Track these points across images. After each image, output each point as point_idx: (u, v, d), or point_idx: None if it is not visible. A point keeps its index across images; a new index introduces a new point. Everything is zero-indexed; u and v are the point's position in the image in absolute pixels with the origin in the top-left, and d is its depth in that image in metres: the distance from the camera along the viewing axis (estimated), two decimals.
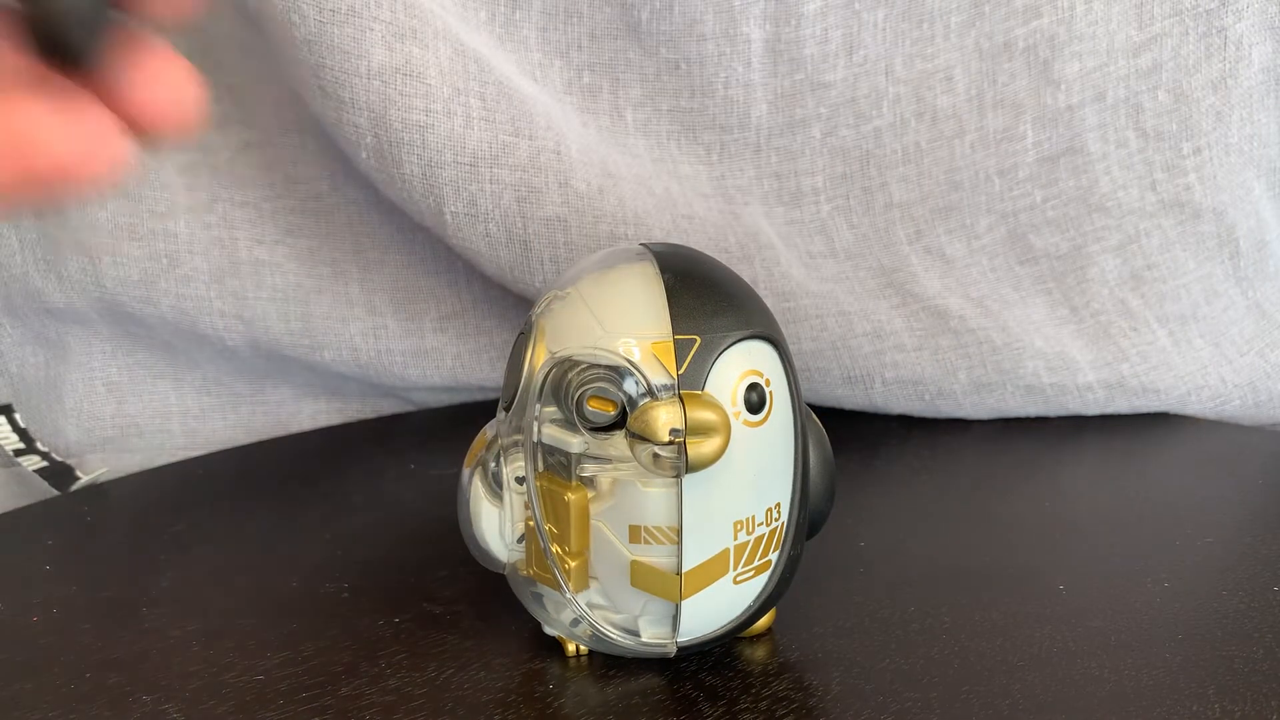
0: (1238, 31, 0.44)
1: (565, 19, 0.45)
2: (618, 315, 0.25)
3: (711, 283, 0.26)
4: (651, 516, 0.25)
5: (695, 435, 0.23)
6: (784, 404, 0.26)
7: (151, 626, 0.30)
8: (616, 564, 0.26)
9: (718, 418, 0.24)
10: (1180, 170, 0.45)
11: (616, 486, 0.25)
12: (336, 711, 0.26)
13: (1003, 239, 0.46)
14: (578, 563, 0.26)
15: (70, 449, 0.46)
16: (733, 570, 0.26)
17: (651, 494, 0.25)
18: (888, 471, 0.41)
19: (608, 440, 0.25)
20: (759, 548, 0.26)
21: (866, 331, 0.44)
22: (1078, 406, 0.45)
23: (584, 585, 0.26)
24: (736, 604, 0.27)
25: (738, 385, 0.25)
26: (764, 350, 0.26)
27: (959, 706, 0.25)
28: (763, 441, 0.26)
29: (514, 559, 0.28)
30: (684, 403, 0.24)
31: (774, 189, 0.47)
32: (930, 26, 0.45)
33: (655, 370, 0.24)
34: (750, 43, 0.45)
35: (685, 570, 0.25)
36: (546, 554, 0.26)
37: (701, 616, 0.26)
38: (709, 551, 0.25)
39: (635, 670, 0.27)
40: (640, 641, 0.27)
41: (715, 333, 0.25)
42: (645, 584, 0.26)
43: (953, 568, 0.32)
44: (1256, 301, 0.47)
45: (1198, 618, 0.29)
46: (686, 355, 0.24)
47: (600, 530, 0.26)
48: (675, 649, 0.27)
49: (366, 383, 0.48)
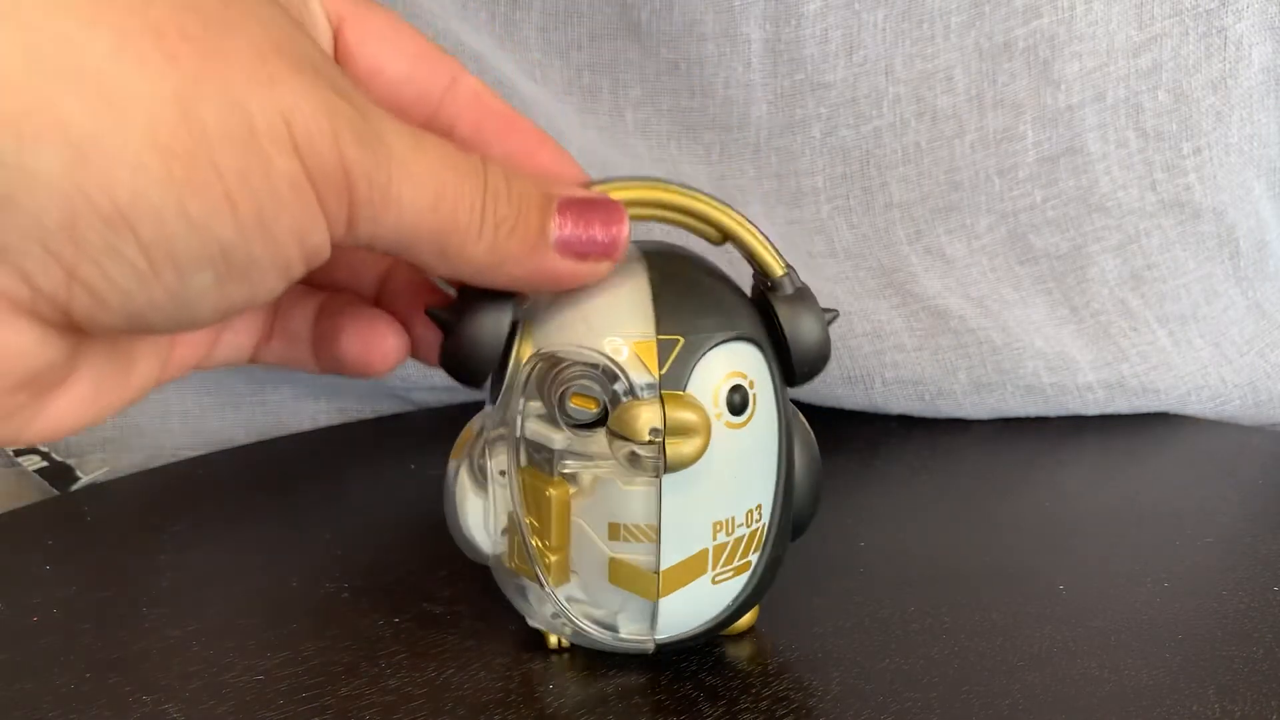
0: (1238, 31, 0.44)
1: (565, 19, 0.45)
2: (603, 313, 0.25)
3: (698, 283, 0.26)
4: (631, 514, 0.25)
5: (675, 435, 0.23)
6: (768, 406, 0.26)
7: (151, 626, 0.30)
8: (596, 560, 0.26)
9: (698, 418, 0.24)
10: (1180, 170, 0.45)
11: (597, 484, 0.25)
12: (336, 711, 0.26)
13: (1003, 239, 0.46)
14: (558, 557, 0.26)
15: (70, 449, 0.46)
16: (711, 570, 0.26)
17: (631, 492, 0.25)
18: (888, 471, 0.41)
19: (590, 437, 0.25)
20: (739, 549, 0.26)
21: (866, 331, 0.45)
22: (1078, 406, 0.45)
23: (564, 580, 0.27)
24: (715, 604, 0.27)
25: (720, 386, 0.25)
26: (748, 352, 0.26)
27: (959, 706, 0.25)
28: (745, 443, 0.26)
29: (499, 551, 0.28)
30: (664, 403, 0.24)
31: (774, 189, 0.47)
32: (930, 26, 0.45)
33: (637, 369, 0.24)
34: (750, 43, 0.45)
35: (663, 569, 0.25)
36: (527, 548, 0.26)
37: (679, 615, 0.26)
38: (687, 551, 0.25)
39: (635, 670, 0.27)
40: (618, 637, 0.27)
41: (699, 333, 0.25)
42: (623, 581, 0.26)
43: (953, 568, 0.32)
44: (1256, 301, 0.47)
45: (1198, 618, 0.29)
46: (669, 355, 0.24)
47: (580, 526, 0.26)
48: (654, 646, 0.27)
49: (367, 383, 0.48)
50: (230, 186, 0.18)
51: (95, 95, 0.17)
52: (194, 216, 0.18)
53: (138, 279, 0.18)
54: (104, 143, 0.17)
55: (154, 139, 0.17)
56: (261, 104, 0.18)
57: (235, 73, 0.18)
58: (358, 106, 0.20)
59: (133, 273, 0.18)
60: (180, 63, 0.18)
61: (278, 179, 0.19)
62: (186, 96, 0.18)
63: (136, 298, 0.19)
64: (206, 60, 0.18)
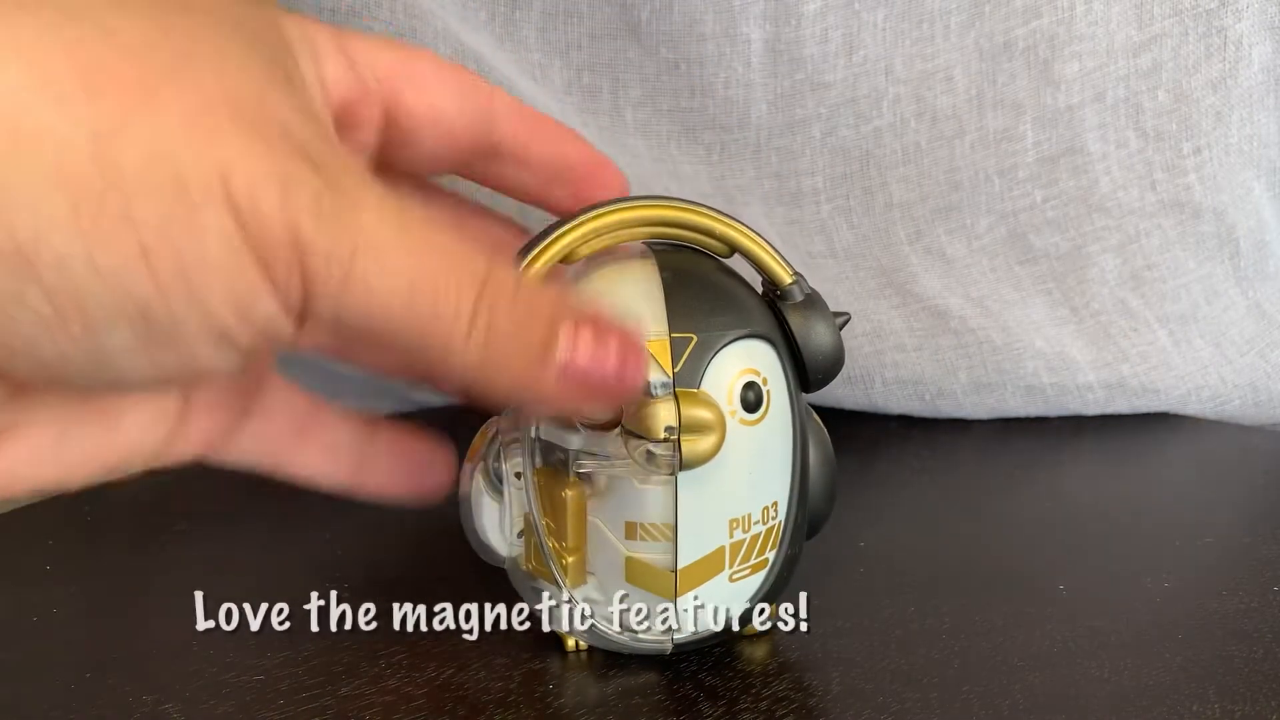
0: (1238, 31, 0.44)
1: (565, 19, 0.45)
2: (616, 312, 0.25)
3: (710, 282, 0.26)
4: (647, 513, 0.25)
5: (690, 433, 0.23)
6: (782, 403, 0.26)
7: (152, 626, 0.30)
8: (613, 560, 0.26)
9: (712, 416, 0.24)
10: (1180, 170, 0.45)
11: (613, 483, 0.25)
12: (337, 711, 0.26)
13: (1003, 239, 0.46)
14: (574, 558, 0.26)
15: None
16: (728, 568, 0.26)
17: (647, 491, 0.25)
18: (888, 471, 0.41)
19: (605, 437, 0.25)
20: (755, 546, 0.26)
21: (866, 331, 0.45)
22: (1078, 406, 0.45)
23: (581, 580, 0.26)
24: (732, 602, 0.27)
25: (734, 384, 0.25)
26: (762, 349, 0.26)
27: (959, 706, 0.25)
28: (759, 440, 0.26)
29: (514, 553, 0.28)
30: (679, 400, 0.24)
31: (774, 189, 0.47)
32: (930, 26, 0.45)
33: (651, 368, 0.24)
34: (750, 43, 0.45)
35: (680, 567, 0.25)
36: (543, 549, 0.26)
37: (697, 614, 0.26)
38: (704, 549, 0.25)
39: (635, 670, 0.27)
40: (636, 638, 0.27)
41: (712, 331, 0.25)
42: (640, 580, 0.26)
43: (953, 567, 0.32)
44: (1256, 301, 0.47)
45: (1198, 618, 0.29)
46: (682, 353, 0.24)
47: (597, 526, 0.26)
48: (671, 646, 0.27)
49: (366, 383, 0.48)
50: (146, 239, 0.17)
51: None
52: (102, 265, 0.17)
53: (43, 326, 0.17)
54: (3, 176, 0.16)
55: (61, 178, 0.16)
56: (196, 156, 0.17)
57: (169, 120, 0.17)
58: (329, 176, 0.18)
59: (37, 319, 0.17)
60: (104, 104, 0.16)
61: (207, 237, 0.17)
62: (105, 137, 0.16)
63: (44, 347, 0.17)
64: (137, 105, 0.17)
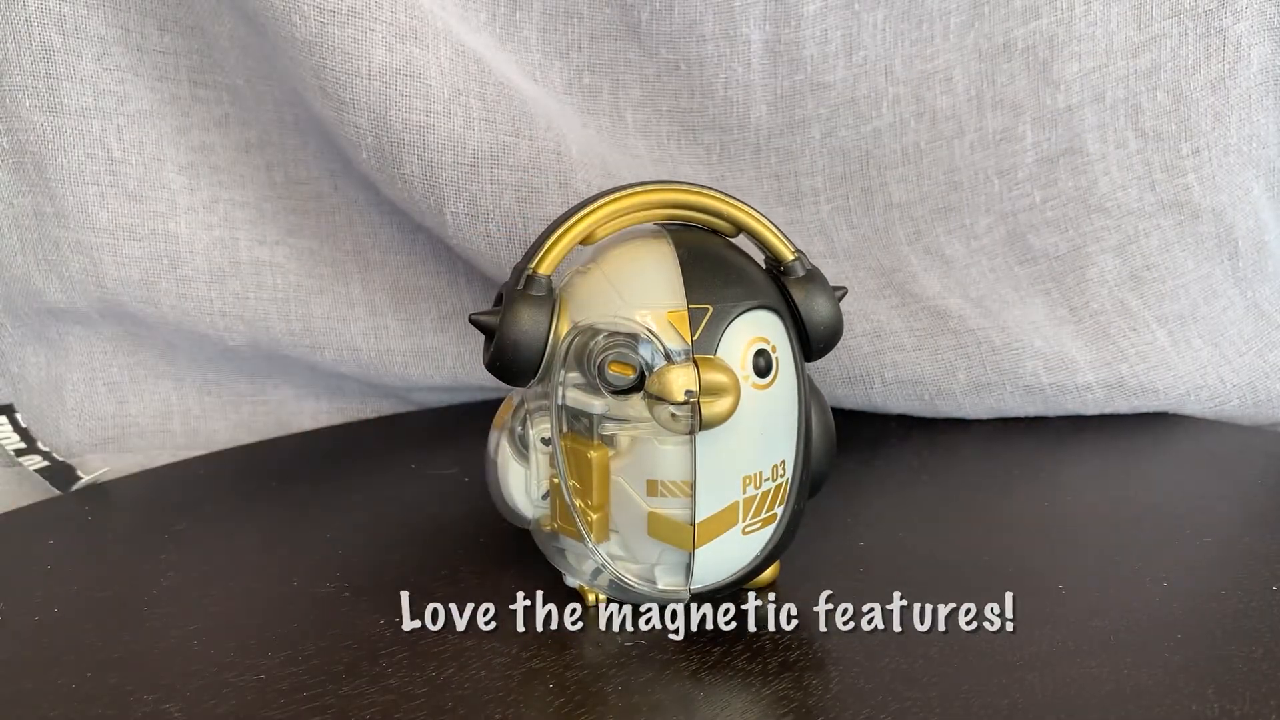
0: (1237, 32, 0.44)
1: (565, 20, 0.45)
2: (636, 287, 0.27)
3: (721, 258, 0.28)
4: (667, 471, 0.27)
5: (708, 396, 0.25)
6: (788, 370, 0.28)
7: (152, 626, 0.30)
8: (635, 516, 0.28)
9: (729, 380, 0.26)
10: (1179, 171, 0.45)
11: (635, 444, 0.27)
12: (337, 711, 0.26)
13: (1002, 239, 0.47)
14: (599, 515, 0.28)
15: (71, 449, 0.46)
16: (742, 522, 0.28)
17: (667, 450, 0.27)
18: (888, 471, 0.41)
19: (627, 402, 0.27)
20: (766, 501, 0.28)
21: (866, 331, 0.45)
22: (1077, 406, 0.45)
23: (605, 537, 0.28)
24: (745, 554, 0.29)
25: (746, 351, 0.27)
26: (770, 320, 0.28)
27: (959, 706, 0.25)
28: (769, 403, 0.28)
29: (538, 515, 0.30)
30: (698, 366, 0.26)
31: (774, 189, 0.47)
32: (930, 27, 0.45)
33: (671, 337, 0.26)
34: (750, 43, 0.45)
35: (698, 521, 0.27)
36: (570, 508, 0.28)
37: (713, 565, 0.28)
38: (720, 504, 0.27)
39: (635, 669, 0.27)
40: (657, 589, 0.29)
41: (726, 302, 0.27)
42: (661, 534, 0.28)
43: (953, 568, 0.32)
44: (1255, 302, 0.47)
45: (1198, 618, 0.29)
46: (700, 323, 0.26)
47: (620, 485, 0.28)
48: (689, 595, 0.29)
49: (367, 383, 0.48)
50: None
51: None
52: None
53: None
54: None
55: None
56: None
57: None
58: None
59: None
60: None
61: None
62: None
63: None
64: None
